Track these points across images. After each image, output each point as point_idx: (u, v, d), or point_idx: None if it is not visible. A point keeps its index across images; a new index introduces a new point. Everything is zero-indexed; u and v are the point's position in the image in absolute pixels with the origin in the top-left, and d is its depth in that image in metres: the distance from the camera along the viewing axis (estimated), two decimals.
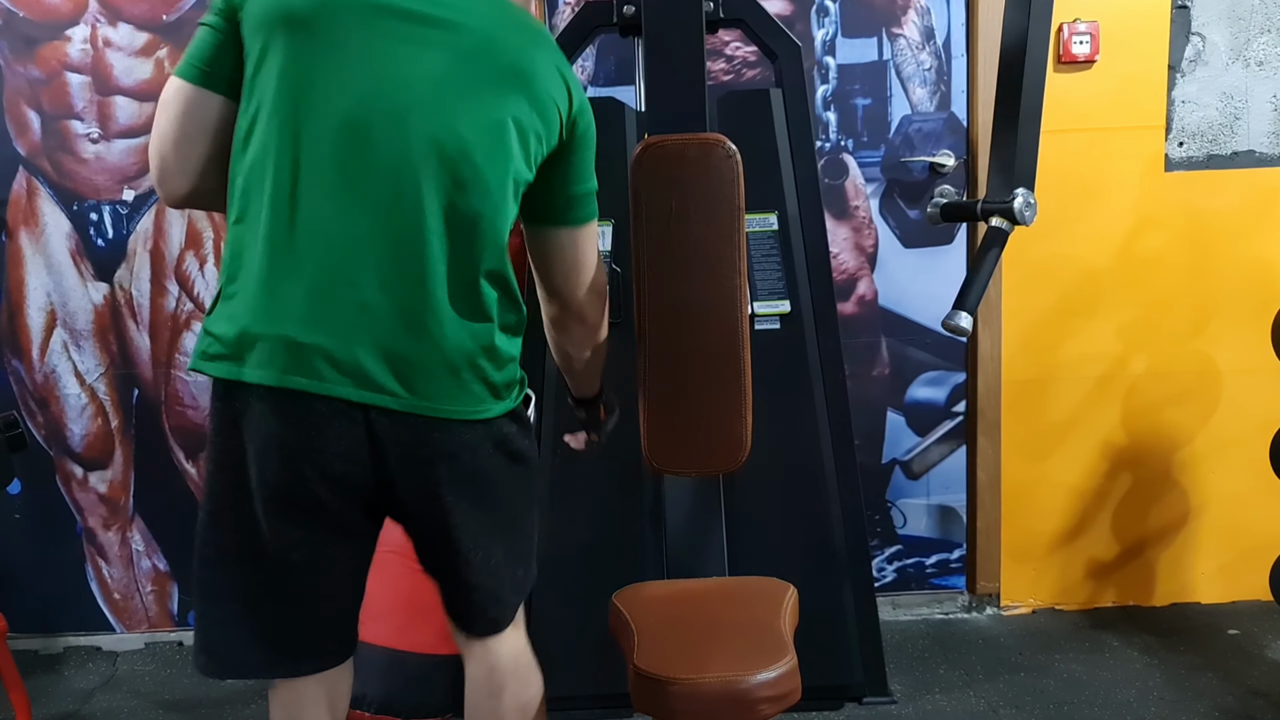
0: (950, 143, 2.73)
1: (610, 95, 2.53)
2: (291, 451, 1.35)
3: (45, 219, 2.73)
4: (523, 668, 1.59)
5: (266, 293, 1.33)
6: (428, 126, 1.34)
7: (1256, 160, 2.74)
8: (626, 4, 2.19)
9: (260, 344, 1.33)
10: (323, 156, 1.32)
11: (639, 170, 1.80)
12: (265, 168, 1.34)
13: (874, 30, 2.69)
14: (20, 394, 2.79)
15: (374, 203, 1.34)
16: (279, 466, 1.36)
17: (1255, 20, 2.69)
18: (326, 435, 1.35)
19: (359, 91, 1.33)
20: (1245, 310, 2.75)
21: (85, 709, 2.57)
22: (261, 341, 1.33)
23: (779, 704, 1.53)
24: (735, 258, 1.80)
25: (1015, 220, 2.16)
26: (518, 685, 1.58)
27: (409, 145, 1.33)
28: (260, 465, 1.36)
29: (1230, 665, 2.54)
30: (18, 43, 2.66)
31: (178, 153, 1.40)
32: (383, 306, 1.34)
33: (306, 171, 1.33)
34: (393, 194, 1.34)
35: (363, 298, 1.34)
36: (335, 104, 1.33)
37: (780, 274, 2.32)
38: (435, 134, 1.34)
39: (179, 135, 1.39)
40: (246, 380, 1.34)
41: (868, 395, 2.79)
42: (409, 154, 1.33)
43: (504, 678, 1.57)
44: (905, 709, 2.40)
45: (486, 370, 1.42)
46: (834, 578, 2.33)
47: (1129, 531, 2.88)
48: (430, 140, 1.34)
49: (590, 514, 2.33)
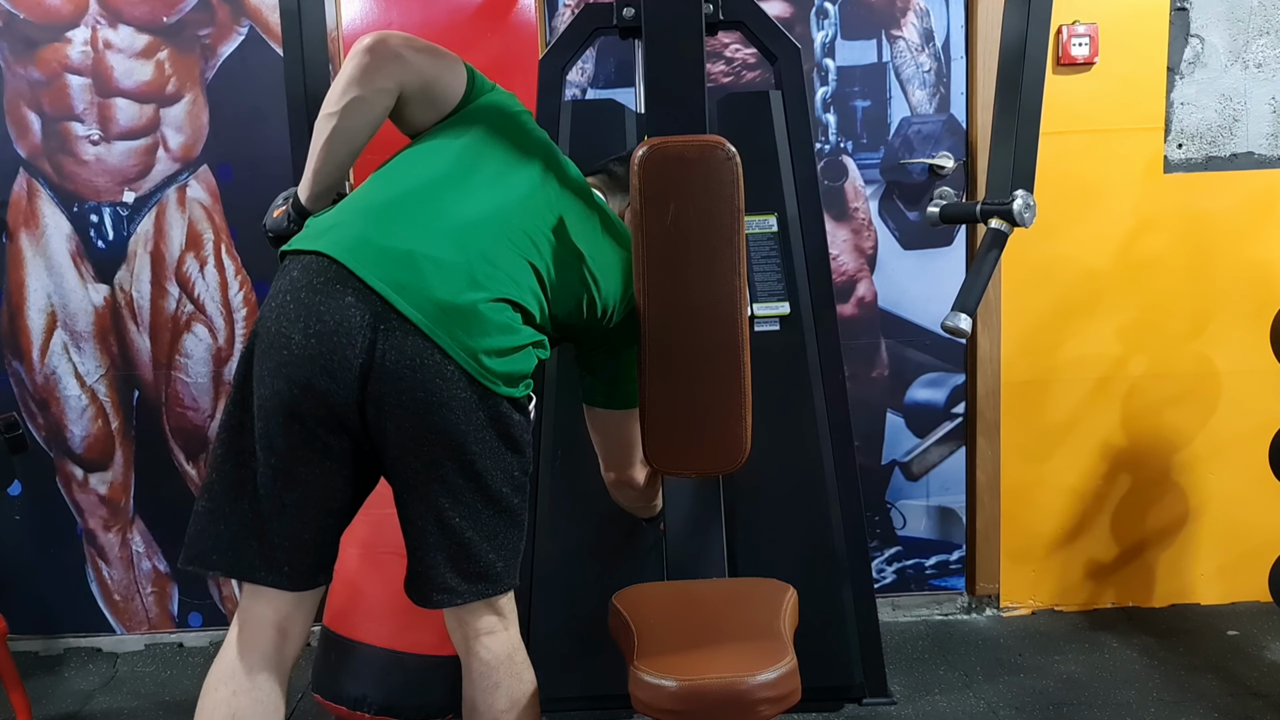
0: (949, 145, 2.73)
1: (610, 97, 2.54)
2: (299, 307, 1.46)
3: (46, 221, 2.73)
4: (518, 664, 1.64)
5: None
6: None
7: (1255, 162, 2.75)
8: (626, 6, 2.19)
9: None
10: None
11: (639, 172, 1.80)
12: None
13: (873, 32, 2.70)
14: (21, 395, 2.79)
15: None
16: (276, 326, 1.46)
17: (1254, 22, 2.70)
18: (337, 306, 1.45)
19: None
20: (1244, 312, 2.76)
21: (85, 710, 2.57)
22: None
23: (779, 705, 1.53)
24: (735, 259, 1.80)
25: (1014, 222, 2.16)
26: (512, 681, 1.63)
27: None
28: (262, 331, 1.48)
29: (1229, 666, 2.54)
30: (18, 45, 2.67)
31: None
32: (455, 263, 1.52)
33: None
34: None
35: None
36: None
37: (780, 276, 2.32)
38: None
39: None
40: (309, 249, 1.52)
41: (867, 397, 2.80)
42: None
43: (499, 674, 1.62)
44: (905, 710, 2.40)
45: (503, 347, 1.53)
46: (834, 579, 2.34)
47: (1128, 533, 2.88)
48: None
49: (590, 514, 2.33)
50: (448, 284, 1.49)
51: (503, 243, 1.57)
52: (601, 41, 2.61)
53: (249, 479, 1.49)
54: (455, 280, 1.50)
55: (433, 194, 1.58)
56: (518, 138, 1.70)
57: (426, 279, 1.48)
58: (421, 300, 1.47)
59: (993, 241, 2.19)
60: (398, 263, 1.48)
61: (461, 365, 1.48)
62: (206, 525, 1.52)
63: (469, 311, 1.49)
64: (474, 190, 1.60)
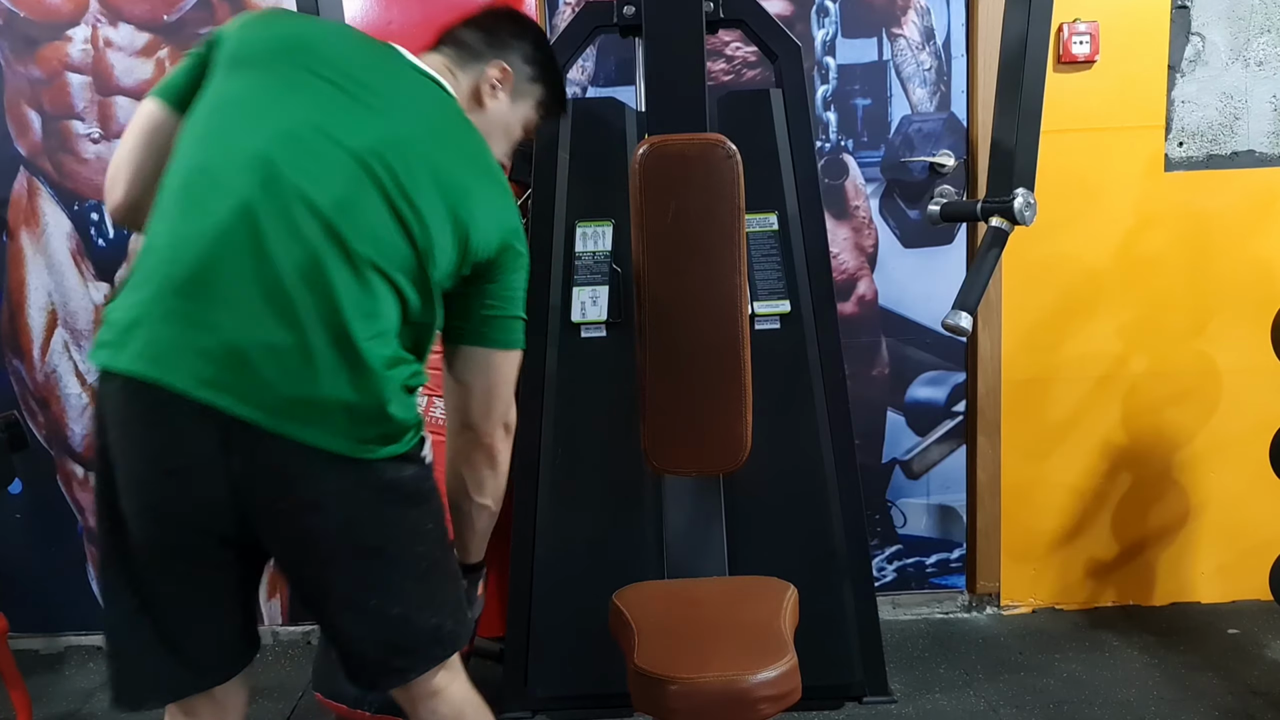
0: (950, 143, 2.73)
1: (611, 95, 2.54)
2: (142, 445, 1.31)
3: (46, 219, 2.73)
4: (474, 711, 1.50)
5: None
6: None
7: (1256, 160, 2.75)
8: (627, 4, 2.19)
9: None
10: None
11: (639, 171, 1.81)
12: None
13: (874, 30, 2.69)
14: (21, 394, 2.79)
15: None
16: (128, 466, 1.32)
17: (1255, 20, 2.69)
18: (180, 438, 1.29)
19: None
20: (1245, 310, 2.76)
21: (86, 708, 2.57)
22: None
23: (779, 703, 1.53)
24: (735, 258, 1.80)
25: (1015, 220, 2.17)
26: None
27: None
28: (116, 464, 1.33)
29: (1230, 665, 2.54)
30: (19, 43, 2.66)
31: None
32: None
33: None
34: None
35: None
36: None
37: (780, 274, 2.32)
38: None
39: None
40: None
41: (868, 395, 2.80)
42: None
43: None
44: (905, 708, 2.40)
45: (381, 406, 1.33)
46: (834, 577, 2.34)
47: (1129, 531, 2.88)
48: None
49: (590, 514, 2.33)
50: (289, 372, 1.27)
51: (339, 275, 1.29)
52: (602, 40, 2.61)
53: (149, 603, 1.36)
54: (293, 364, 1.27)
55: (241, 240, 1.28)
56: (296, 80, 1.37)
57: (261, 373, 1.26)
58: (261, 399, 1.26)
59: (993, 240, 2.19)
60: (223, 363, 1.26)
61: (326, 451, 1.29)
62: (123, 666, 1.40)
63: (322, 389, 1.29)
64: (287, 210, 1.29)
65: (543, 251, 2.31)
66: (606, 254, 2.32)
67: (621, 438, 2.23)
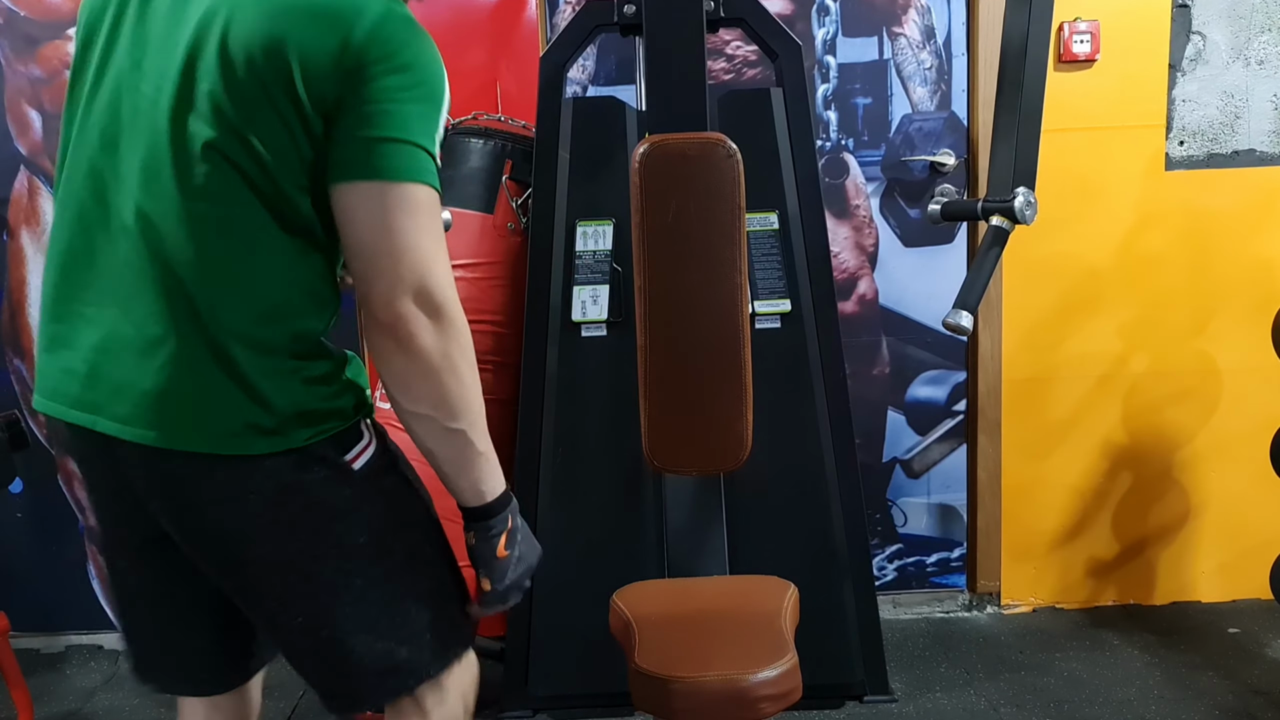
0: (951, 142, 2.73)
1: (611, 94, 2.54)
2: (87, 482, 1.33)
3: (47, 218, 2.73)
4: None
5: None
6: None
7: (1257, 159, 2.74)
8: (627, 3, 2.19)
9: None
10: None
11: (640, 170, 1.81)
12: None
13: (874, 29, 2.69)
14: (22, 393, 2.79)
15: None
16: (87, 496, 1.36)
17: (1256, 19, 2.69)
18: (93, 466, 1.27)
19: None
20: (1246, 309, 2.75)
21: (87, 707, 2.57)
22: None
23: (780, 702, 1.53)
24: (736, 257, 1.80)
25: (1016, 219, 2.17)
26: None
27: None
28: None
29: (1230, 664, 2.54)
30: (19, 42, 2.66)
31: None
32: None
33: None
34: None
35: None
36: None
37: (781, 273, 2.32)
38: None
39: None
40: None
41: (868, 394, 2.80)
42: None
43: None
44: (906, 707, 2.40)
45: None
46: (834, 576, 2.34)
47: (1129, 530, 2.88)
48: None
49: (590, 514, 2.33)
50: (141, 365, 1.14)
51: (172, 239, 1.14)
52: (602, 39, 2.61)
53: (132, 603, 1.36)
54: (129, 358, 1.15)
55: (82, 246, 1.18)
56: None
57: (113, 378, 1.15)
58: (116, 411, 1.15)
59: (994, 239, 2.19)
60: (85, 381, 1.16)
61: (194, 452, 1.15)
62: (129, 648, 1.41)
63: (164, 378, 1.14)
64: (105, 204, 1.17)
65: (543, 251, 2.31)
66: (607, 253, 2.32)
67: (622, 437, 2.23)
